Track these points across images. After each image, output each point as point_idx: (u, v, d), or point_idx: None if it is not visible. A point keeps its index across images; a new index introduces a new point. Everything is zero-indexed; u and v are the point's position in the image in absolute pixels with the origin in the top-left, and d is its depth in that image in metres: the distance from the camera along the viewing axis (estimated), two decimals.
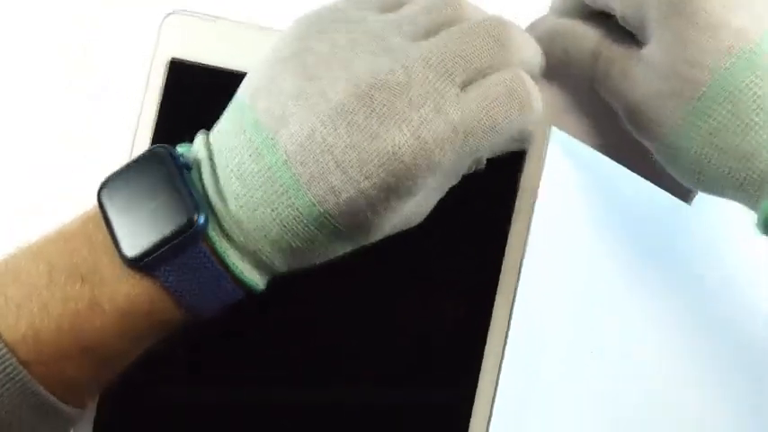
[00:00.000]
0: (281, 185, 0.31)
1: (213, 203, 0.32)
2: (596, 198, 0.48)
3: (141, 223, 0.31)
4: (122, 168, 0.33)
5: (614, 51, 0.38)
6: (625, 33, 0.38)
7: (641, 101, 0.36)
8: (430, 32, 0.33)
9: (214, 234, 0.32)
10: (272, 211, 0.32)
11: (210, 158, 0.33)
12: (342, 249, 0.34)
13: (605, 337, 0.47)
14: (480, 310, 0.39)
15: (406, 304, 0.40)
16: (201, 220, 0.31)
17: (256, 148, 0.32)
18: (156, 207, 0.31)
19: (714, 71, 0.34)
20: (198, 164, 0.33)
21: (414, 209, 0.34)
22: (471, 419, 0.38)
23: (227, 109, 0.34)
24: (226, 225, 0.32)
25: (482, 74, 0.33)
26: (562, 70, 0.41)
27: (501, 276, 0.39)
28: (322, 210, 0.31)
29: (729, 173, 0.34)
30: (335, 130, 0.31)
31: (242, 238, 0.32)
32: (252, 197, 0.32)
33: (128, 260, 0.31)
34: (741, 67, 0.33)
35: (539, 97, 0.34)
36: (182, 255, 0.31)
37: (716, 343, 0.47)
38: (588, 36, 0.39)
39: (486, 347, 0.39)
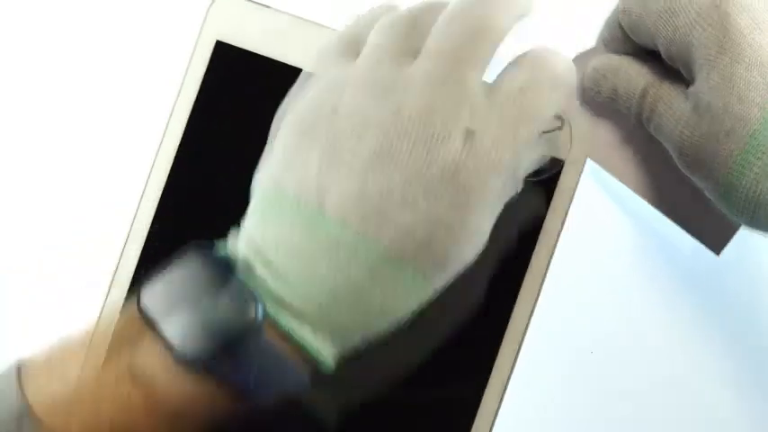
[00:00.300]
0: (347, 248, 0.30)
1: (274, 290, 0.31)
2: (624, 236, 0.48)
3: (195, 324, 0.30)
4: (163, 272, 0.32)
5: (662, 89, 0.38)
6: (672, 70, 0.38)
7: (692, 139, 0.36)
8: (410, 49, 0.32)
9: (283, 320, 0.31)
10: (344, 277, 0.30)
11: (257, 250, 0.32)
12: (415, 301, 0.32)
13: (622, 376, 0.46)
14: (491, 338, 0.38)
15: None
16: (260, 311, 0.30)
17: (305, 226, 0.31)
18: (209, 305, 0.30)
19: (766, 108, 0.34)
20: (244, 259, 0.32)
21: (479, 238, 0.32)
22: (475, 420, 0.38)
23: (248, 210, 0.33)
24: (295, 306, 0.31)
25: (491, 56, 0.32)
26: (609, 106, 0.41)
27: (519, 298, 0.38)
28: (399, 255, 0.30)
29: None
30: (383, 173, 0.30)
31: (318, 316, 0.31)
32: (316, 271, 0.31)
33: (186, 362, 0.30)
34: None
35: (560, 59, 0.33)
36: (244, 350, 0.30)
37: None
38: (637, 75, 0.39)
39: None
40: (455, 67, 0.31)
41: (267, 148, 0.34)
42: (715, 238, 0.42)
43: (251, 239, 0.32)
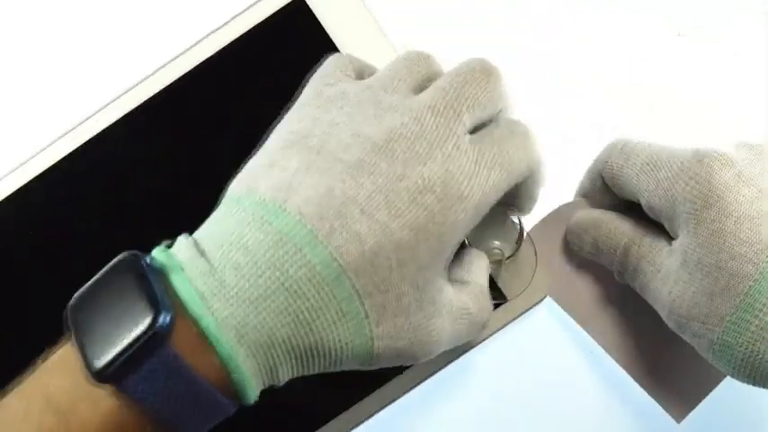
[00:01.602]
0: (294, 245, 0.29)
1: (200, 286, 0.29)
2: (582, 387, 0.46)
3: (106, 334, 0.28)
4: (89, 282, 0.30)
5: (644, 247, 0.37)
6: (653, 223, 0.38)
7: (683, 298, 0.35)
8: (418, 87, 0.34)
9: (204, 318, 0.29)
10: (282, 273, 0.29)
11: (197, 246, 0.30)
12: (349, 347, 0.30)
13: None
14: None
15: None
16: (165, 320, 0.28)
17: (261, 217, 0.30)
18: (118, 317, 0.29)
19: (759, 264, 0.33)
20: (178, 259, 0.30)
21: (426, 306, 0.32)
22: None
23: (212, 213, 0.32)
24: (223, 303, 0.29)
25: (484, 114, 0.33)
26: (592, 259, 0.41)
27: None
28: (342, 262, 0.29)
29: None
30: (355, 181, 0.30)
31: (244, 314, 0.29)
32: (256, 263, 0.29)
33: (94, 373, 0.28)
34: None
35: (536, 140, 0.35)
36: (149, 361, 0.28)
37: None
38: (619, 232, 0.39)
39: None
40: (457, 103, 0.32)
41: (253, 152, 0.34)
42: (677, 405, 0.41)
43: (197, 239, 0.31)
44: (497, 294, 0.40)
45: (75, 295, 0.30)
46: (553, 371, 0.45)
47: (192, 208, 0.41)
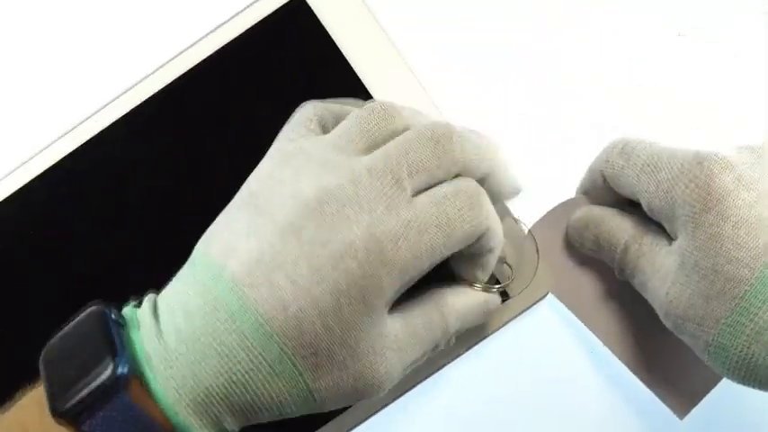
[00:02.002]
0: (227, 312, 0.31)
1: (148, 347, 0.31)
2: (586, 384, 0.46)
3: (70, 378, 0.31)
4: (62, 329, 0.32)
5: (644, 245, 0.38)
6: (653, 222, 0.38)
7: (679, 299, 0.35)
8: (370, 147, 0.33)
9: (151, 379, 0.31)
10: (214, 339, 0.31)
11: (155, 308, 0.32)
12: (289, 397, 0.31)
13: None
14: None
15: None
16: (123, 371, 0.30)
17: (203, 284, 0.31)
18: (82, 366, 0.31)
19: (755, 268, 0.33)
20: (135, 316, 0.32)
21: (367, 352, 0.32)
22: None
23: (178, 272, 0.34)
24: (165, 365, 0.31)
25: (431, 179, 0.33)
26: (593, 256, 0.41)
27: None
28: (269, 328, 0.30)
29: None
30: (285, 246, 0.31)
31: (183, 376, 0.31)
32: (194, 329, 0.31)
33: (56, 415, 0.30)
34: None
35: (488, 200, 0.34)
36: (106, 406, 0.30)
37: None
38: (619, 229, 0.39)
39: None
40: (397, 166, 0.32)
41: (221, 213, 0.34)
42: (680, 401, 0.41)
43: (157, 298, 0.33)
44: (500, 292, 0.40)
45: (49, 341, 0.32)
46: (555, 368, 0.45)
47: (192, 207, 0.41)
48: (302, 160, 0.33)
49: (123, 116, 0.42)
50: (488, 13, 0.49)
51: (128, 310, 0.33)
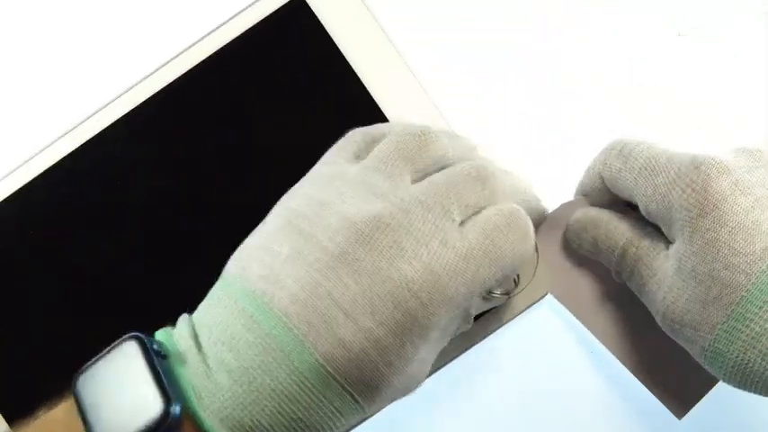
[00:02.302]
0: (282, 350, 0.30)
1: (198, 384, 0.30)
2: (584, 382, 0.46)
3: (115, 418, 0.30)
4: (97, 358, 0.31)
5: (641, 249, 0.38)
6: (651, 225, 0.38)
7: (676, 304, 0.35)
8: (412, 172, 0.34)
9: (205, 418, 0.30)
10: (271, 380, 0.30)
11: (196, 338, 0.31)
12: (346, 422, 0.31)
13: None
14: None
15: None
16: (176, 411, 0.29)
17: (250, 316, 0.30)
18: (128, 401, 0.30)
19: (752, 274, 0.33)
20: (180, 349, 0.31)
21: (417, 367, 0.32)
22: None
23: (211, 290, 0.33)
24: (219, 405, 0.30)
25: (475, 210, 0.33)
26: (591, 257, 0.41)
27: None
28: (330, 369, 0.30)
29: None
30: (340, 279, 0.30)
31: (239, 417, 0.30)
32: (247, 369, 0.30)
33: None
34: None
35: (531, 225, 0.34)
36: None
37: None
38: (617, 231, 0.39)
39: None
40: (447, 200, 0.32)
41: (255, 231, 0.34)
42: (679, 401, 0.41)
43: (195, 325, 0.32)
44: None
45: (83, 369, 0.31)
46: (555, 368, 0.45)
47: (192, 208, 0.41)
48: (344, 182, 0.33)
49: (123, 116, 0.42)
50: (488, 13, 0.49)
51: (164, 336, 0.32)
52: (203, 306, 0.32)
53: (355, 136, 0.35)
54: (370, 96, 0.41)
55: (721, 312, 0.33)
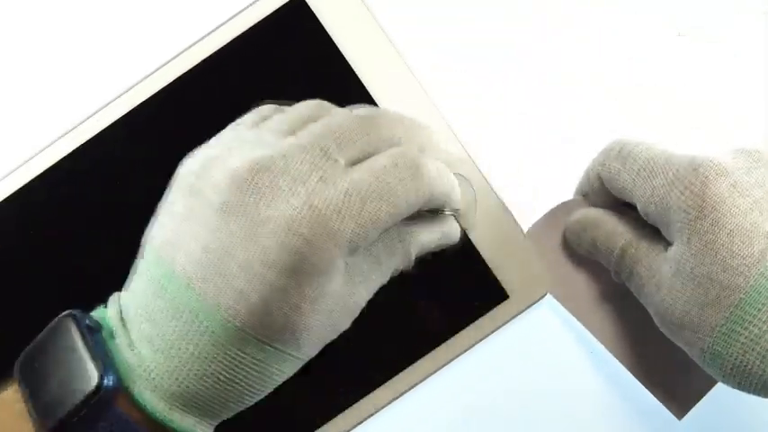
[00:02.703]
0: (190, 312, 0.30)
1: (127, 358, 0.31)
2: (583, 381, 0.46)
3: (53, 395, 0.30)
4: (36, 339, 0.32)
5: (640, 250, 0.38)
6: (649, 226, 0.38)
7: (674, 306, 0.35)
8: (299, 129, 0.33)
9: (136, 390, 0.31)
10: (188, 344, 0.30)
11: (120, 312, 0.32)
12: (281, 372, 0.32)
13: None
14: None
15: None
16: (109, 382, 0.30)
17: (159, 283, 0.31)
18: (65, 377, 0.30)
19: (750, 277, 0.33)
20: (109, 323, 0.32)
21: (337, 303, 0.32)
22: None
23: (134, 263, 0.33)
24: (146, 376, 0.31)
25: (361, 153, 0.33)
26: (590, 257, 0.41)
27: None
28: (238, 323, 0.30)
29: None
30: (228, 229, 0.30)
31: (167, 385, 0.30)
32: (164, 336, 0.30)
33: (45, 429, 0.30)
34: None
35: (432, 167, 0.33)
36: (100, 421, 0.30)
37: None
38: (616, 232, 0.39)
39: None
40: (323, 140, 0.32)
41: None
42: (679, 402, 0.41)
43: (121, 301, 0.32)
44: (498, 292, 0.40)
45: (23, 353, 0.32)
46: (554, 368, 0.45)
47: None
48: (238, 142, 0.33)
49: (123, 116, 0.42)
50: (488, 13, 0.49)
51: (100, 313, 0.33)
52: (129, 280, 0.33)
53: (262, 109, 0.36)
54: (370, 96, 0.41)
55: (720, 315, 0.34)
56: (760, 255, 0.33)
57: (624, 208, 0.40)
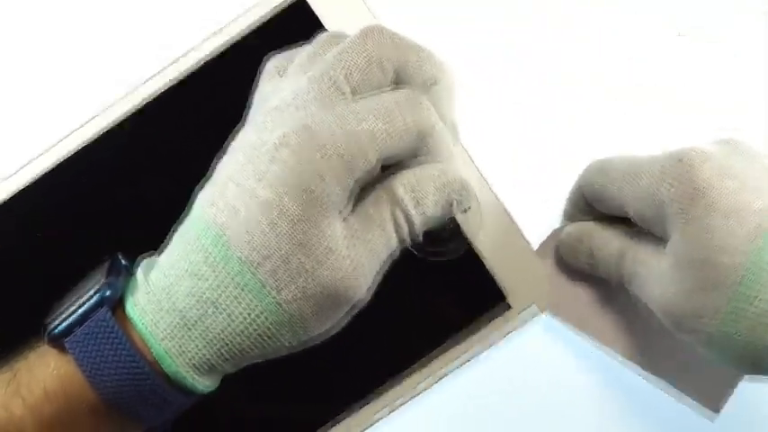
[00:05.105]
0: (195, 234, 0.31)
1: (138, 279, 0.32)
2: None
3: (65, 307, 0.33)
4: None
5: (639, 251, 0.38)
6: (643, 232, 0.38)
7: (676, 296, 0.35)
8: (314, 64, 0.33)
9: (128, 304, 0.32)
10: (185, 262, 0.31)
11: (149, 266, 0.33)
12: (265, 319, 0.31)
13: None
14: None
15: None
16: (105, 291, 0.32)
17: (185, 223, 0.32)
18: (78, 290, 0.33)
19: (749, 253, 0.33)
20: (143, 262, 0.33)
21: (324, 247, 0.30)
22: None
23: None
24: (145, 290, 0.32)
25: (368, 81, 0.32)
26: (587, 271, 0.41)
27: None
28: (226, 238, 0.31)
29: None
30: (234, 158, 0.32)
31: (158, 299, 0.31)
32: (170, 258, 0.32)
33: (46, 334, 0.32)
34: None
35: (432, 108, 0.33)
36: (87, 323, 0.32)
37: None
38: (612, 238, 0.39)
39: None
40: (332, 72, 0.32)
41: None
42: (711, 395, 0.40)
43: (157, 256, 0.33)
44: (499, 303, 0.40)
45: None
46: (553, 373, 0.45)
47: None
48: (274, 108, 0.33)
49: (123, 117, 0.42)
50: (488, 13, 0.49)
51: (139, 261, 0.34)
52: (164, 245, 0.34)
53: (277, 59, 0.36)
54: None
55: (723, 295, 0.34)
56: (755, 230, 0.33)
57: (613, 220, 0.40)
